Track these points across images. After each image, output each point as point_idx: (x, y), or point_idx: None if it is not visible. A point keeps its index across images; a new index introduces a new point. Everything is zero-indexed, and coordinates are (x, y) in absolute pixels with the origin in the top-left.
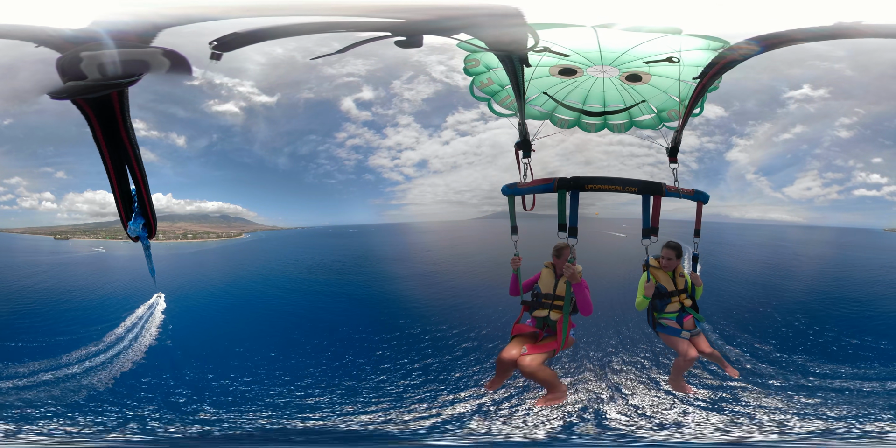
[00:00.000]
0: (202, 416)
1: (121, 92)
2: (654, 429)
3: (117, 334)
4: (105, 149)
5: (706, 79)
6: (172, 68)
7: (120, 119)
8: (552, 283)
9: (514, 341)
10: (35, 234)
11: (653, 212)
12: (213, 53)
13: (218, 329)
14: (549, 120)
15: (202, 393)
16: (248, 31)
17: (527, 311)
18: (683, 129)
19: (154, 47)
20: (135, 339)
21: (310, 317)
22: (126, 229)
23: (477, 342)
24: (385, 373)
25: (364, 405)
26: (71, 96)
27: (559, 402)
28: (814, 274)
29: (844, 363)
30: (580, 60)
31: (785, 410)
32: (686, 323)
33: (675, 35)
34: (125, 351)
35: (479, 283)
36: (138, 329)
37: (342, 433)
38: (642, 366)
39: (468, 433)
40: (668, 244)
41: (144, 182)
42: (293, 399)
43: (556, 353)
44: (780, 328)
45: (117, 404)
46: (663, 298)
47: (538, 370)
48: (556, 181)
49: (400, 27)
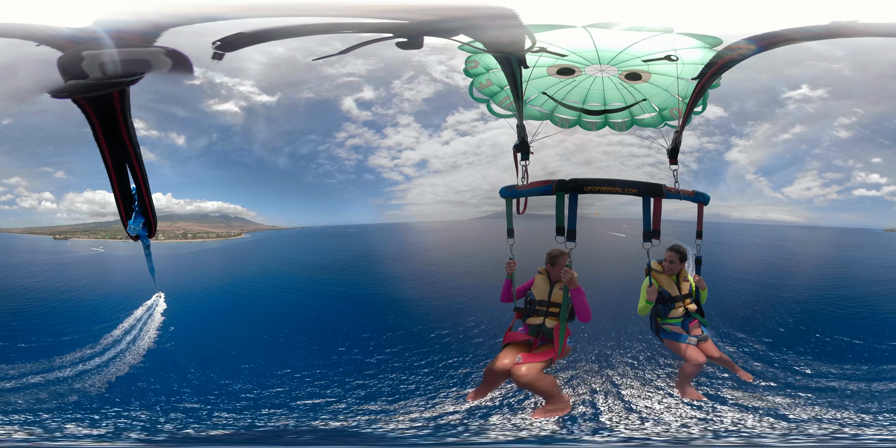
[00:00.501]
0: (213, 417)
1: (122, 91)
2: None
3: (114, 336)
4: (105, 148)
5: (705, 79)
6: (174, 68)
7: (121, 118)
8: (546, 290)
9: (506, 350)
10: (35, 234)
11: (653, 214)
12: (215, 53)
13: (220, 329)
14: (550, 120)
15: (204, 394)
16: (252, 32)
17: (519, 318)
18: (683, 129)
19: (156, 47)
20: (132, 342)
21: (316, 317)
22: (126, 228)
23: (482, 339)
24: (397, 371)
25: (378, 403)
26: (72, 95)
27: (562, 413)
28: (812, 273)
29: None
30: (578, 60)
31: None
32: (692, 328)
33: (669, 34)
34: (122, 353)
35: (481, 282)
36: (137, 330)
37: (351, 434)
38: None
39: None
40: (672, 247)
41: (145, 181)
42: (301, 399)
43: (554, 362)
44: (778, 327)
45: (113, 407)
46: (667, 304)
47: (537, 379)
48: (554, 183)
49: (401, 28)
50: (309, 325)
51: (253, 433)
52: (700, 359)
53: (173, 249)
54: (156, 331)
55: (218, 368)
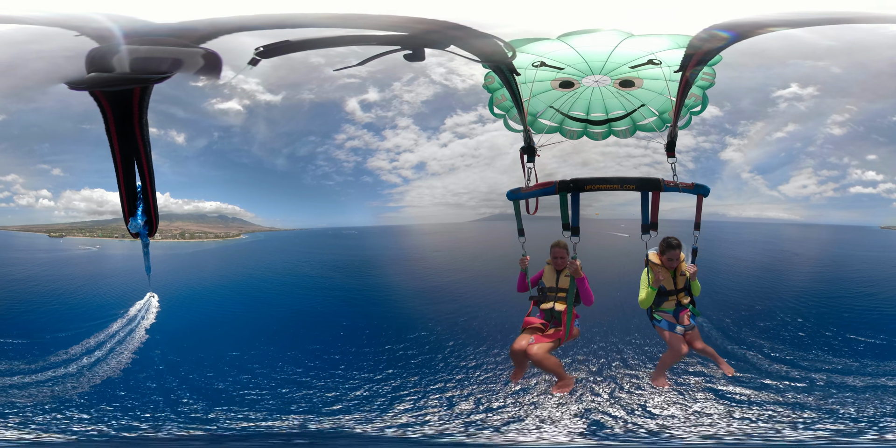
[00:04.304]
0: (208, 415)
1: (144, 88)
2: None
3: (99, 339)
4: (116, 144)
5: (688, 70)
6: (202, 69)
7: (136, 115)
8: (554, 278)
9: (523, 333)
10: (31, 232)
11: (652, 207)
12: (253, 59)
13: (220, 330)
14: (560, 132)
15: (200, 394)
16: (295, 41)
17: (535, 305)
18: (677, 123)
19: (197, 47)
20: (120, 343)
21: (328, 321)
22: (127, 225)
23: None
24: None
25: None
26: (91, 88)
27: (568, 389)
28: (809, 271)
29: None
30: (573, 72)
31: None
32: (682, 318)
33: (646, 37)
34: (110, 354)
35: (499, 276)
36: (127, 331)
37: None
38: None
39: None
40: (671, 245)
41: (152, 180)
42: (306, 398)
43: (562, 342)
44: (771, 324)
45: (103, 406)
46: (661, 296)
47: (544, 358)
48: (556, 184)
49: (402, 40)
50: (323, 328)
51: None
52: (681, 350)
53: (171, 249)
54: (145, 332)
55: (214, 367)
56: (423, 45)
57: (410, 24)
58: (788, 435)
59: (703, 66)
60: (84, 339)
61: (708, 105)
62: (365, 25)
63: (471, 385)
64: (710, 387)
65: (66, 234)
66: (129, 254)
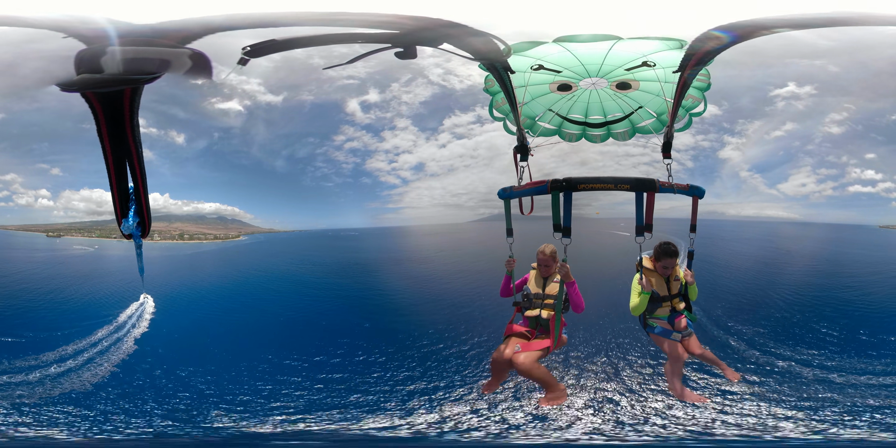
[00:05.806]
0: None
1: (134, 89)
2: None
3: (90, 340)
4: (108, 145)
5: (686, 71)
6: (191, 70)
7: (128, 116)
8: (541, 284)
9: (507, 341)
10: (30, 232)
11: (646, 208)
12: (241, 58)
13: (220, 331)
14: (559, 135)
15: (200, 396)
16: (281, 40)
17: (519, 311)
18: (673, 124)
19: (184, 48)
20: (114, 344)
21: (328, 322)
22: (120, 226)
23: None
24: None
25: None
26: (82, 89)
27: (561, 401)
28: (805, 270)
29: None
30: (571, 75)
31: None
32: (677, 324)
33: (637, 41)
34: (101, 355)
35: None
36: (113, 340)
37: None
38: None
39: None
40: (667, 252)
41: (143, 181)
42: (304, 399)
43: (550, 351)
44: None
45: (97, 407)
46: (654, 302)
47: (533, 368)
48: (548, 183)
49: (395, 38)
50: (330, 330)
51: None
52: (681, 356)
53: (169, 251)
54: (134, 342)
55: (212, 368)
56: (414, 42)
57: (401, 21)
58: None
59: (703, 67)
60: (62, 346)
61: (707, 105)
62: (355, 23)
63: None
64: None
65: (65, 234)
66: (123, 255)
